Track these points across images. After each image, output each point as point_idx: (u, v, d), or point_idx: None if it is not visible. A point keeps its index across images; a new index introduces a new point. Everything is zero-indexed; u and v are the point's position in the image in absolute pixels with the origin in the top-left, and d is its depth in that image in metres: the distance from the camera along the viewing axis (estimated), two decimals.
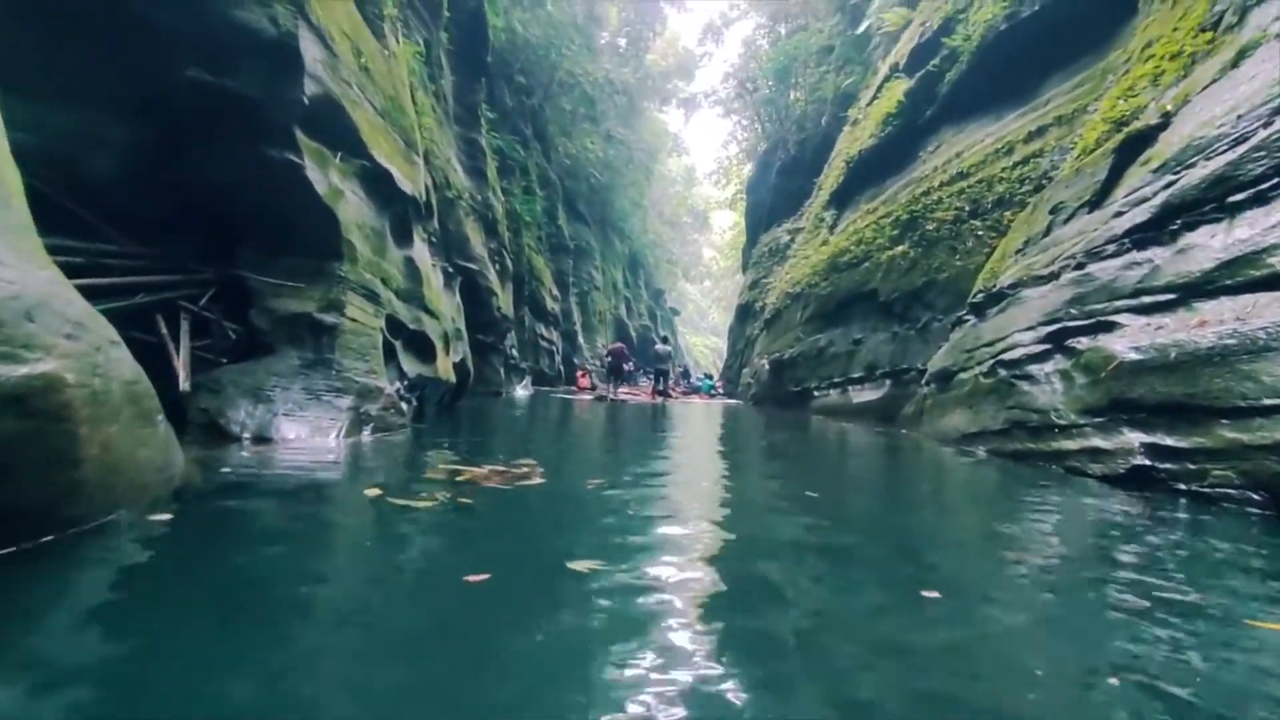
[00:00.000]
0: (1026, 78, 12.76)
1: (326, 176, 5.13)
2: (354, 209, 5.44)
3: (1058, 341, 6.56)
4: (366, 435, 4.76)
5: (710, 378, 32.08)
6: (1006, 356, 7.28)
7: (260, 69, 4.75)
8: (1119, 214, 6.58)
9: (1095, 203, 7.26)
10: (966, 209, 12.87)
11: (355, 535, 2.59)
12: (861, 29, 20.36)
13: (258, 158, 4.83)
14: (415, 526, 2.64)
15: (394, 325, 5.89)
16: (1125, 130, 7.22)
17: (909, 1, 18.52)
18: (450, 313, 8.27)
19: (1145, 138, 7.00)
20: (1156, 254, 5.78)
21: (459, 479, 3.47)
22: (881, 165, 17.10)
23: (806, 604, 2.20)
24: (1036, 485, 5.13)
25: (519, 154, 23.55)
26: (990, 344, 7.99)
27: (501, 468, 3.82)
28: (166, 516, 2.45)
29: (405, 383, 5.90)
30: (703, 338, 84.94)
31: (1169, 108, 7.00)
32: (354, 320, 5.02)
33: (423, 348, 6.56)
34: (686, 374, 35.02)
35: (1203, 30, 7.23)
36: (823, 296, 17.56)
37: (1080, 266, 6.71)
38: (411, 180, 6.74)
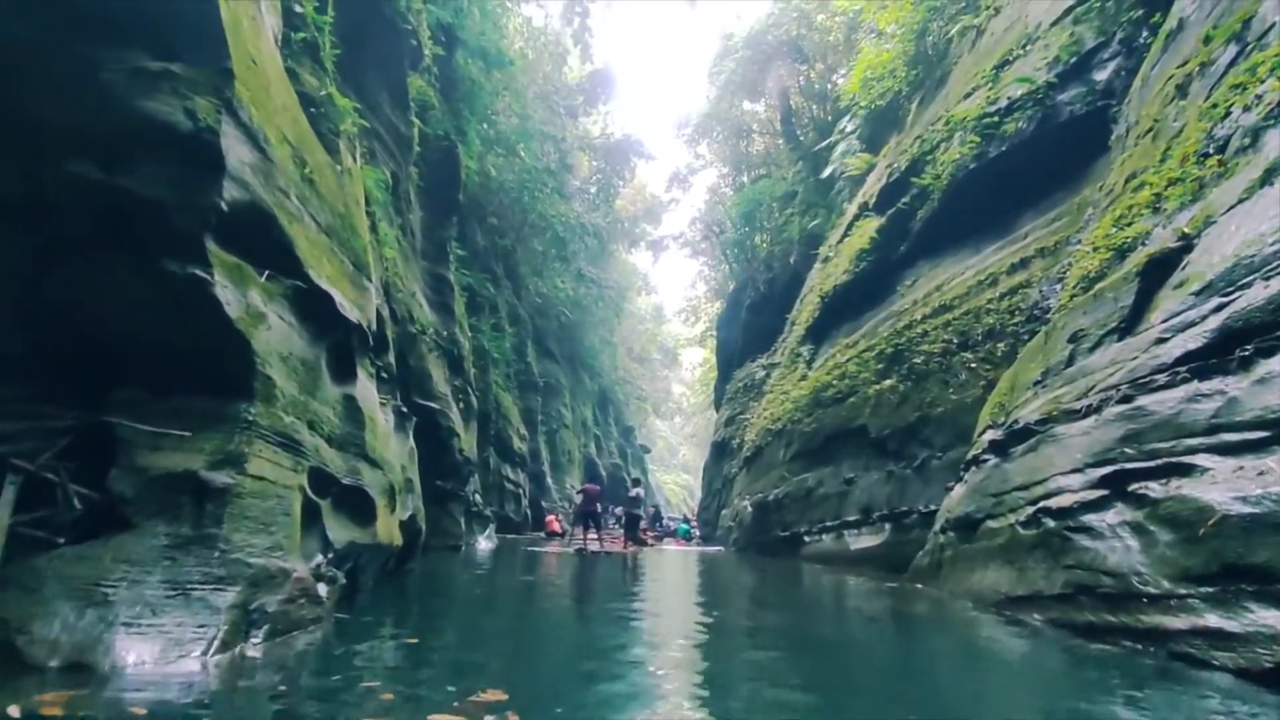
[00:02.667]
0: (1000, 212, 12.81)
1: (243, 296, 4.13)
2: (278, 337, 4.40)
3: (1117, 486, 5.59)
4: (256, 645, 3.39)
5: (687, 521, 30.36)
6: (1052, 504, 6.27)
7: (167, 167, 3.87)
8: (1162, 340, 5.87)
9: (1125, 329, 6.60)
10: (955, 341, 12.44)
11: None
12: (826, 174, 21.10)
13: (153, 272, 3.84)
14: None
15: (321, 480, 4.68)
16: (1147, 254, 6.72)
17: (871, 147, 19.30)
18: (400, 460, 7.05)
19: (1169, 261, 6.49)
20: (1228, 384, 4.97)
21: None
22: (858, 300, 16.96)
23: None
24: (1147, 683, 3.94)
25: (489, 291, 23.21)
26: (1024, 488, 7.01)
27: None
28: None
29: (331, 555, 4.59)
30: (673, 475, 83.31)
31: (1187, 230, 6.57)
32: (259, 478, 3.82)
33: (359, 507, 5.31)
34: (658, 516, 33.18)
35: (1205, 156, 6.99)
36: (807, 433, 16.74)
37: (1127, 399, 5.89)
38: (359, 306, 5.79)
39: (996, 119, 12.64)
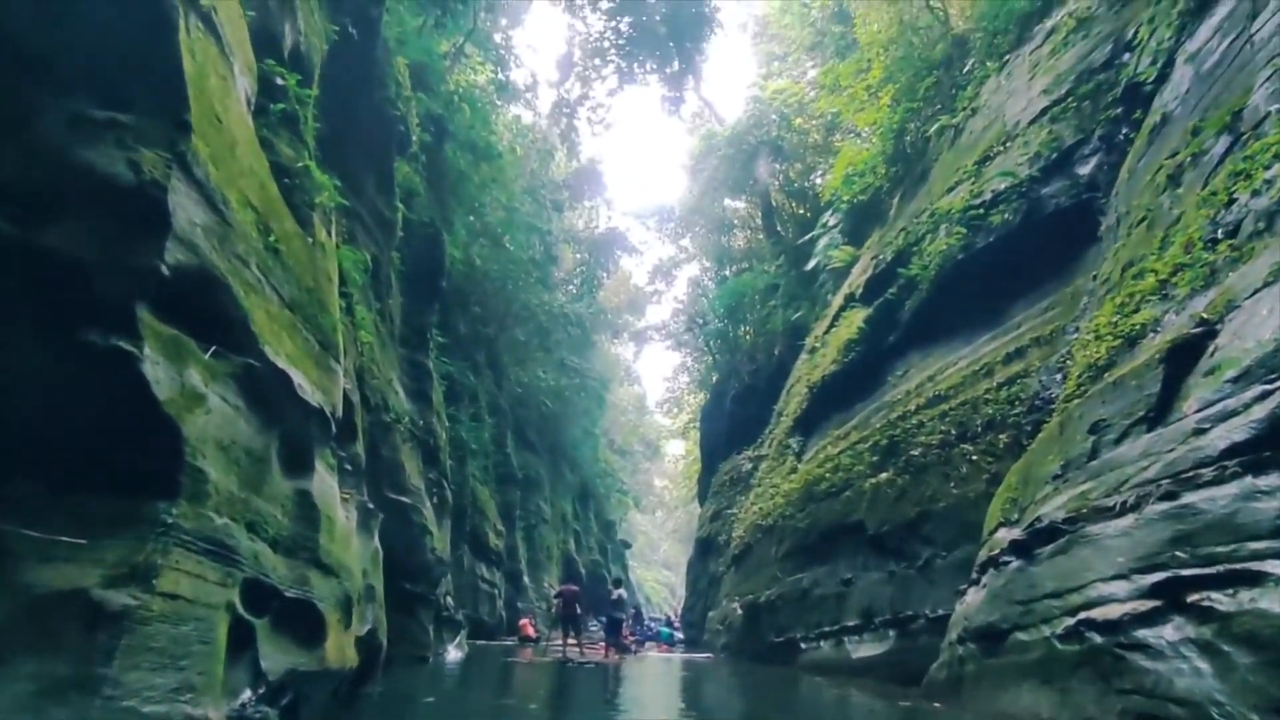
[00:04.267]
0: (991, 302, 12.70)
1: (178, 375, 3.53)
2: (218, 422, 3.77)
3: (1172, 597, 4.97)
4: None
5: (670, 624, 28.73)
6: (1095, 615, 5.61)
7: (100, 225, 3.38)
8: (1201, 431, 5.42)
9: (1155, 419, 6.16)
10: (953, 433, 12.02)
11: None
12: (810, 266, 21.28)
13: (68, 344, 3.26)
14: None
15: (259, 594, 3.92)
16: (1168, 339, 6.39)
17: (854, 241, 19.53)
18: (362, 564, 6.24)
19: (1192, 346, 6.15)
20: None
21: None
22: (847, 390, 16.65)
23: None
24: None
25: (469, 380, 22.63)
26: (1057, 595, 6.34)
27: None
28: None
29: (263, 690, 3.76)
30: (654, 572, 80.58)
31: (1206, 315, 6.28)
32: (172, 596, 3.10)
33: (306, 624, 4.50)
34: (639, 618, 31.38)
35: (1214, 242, 6.81)
36: (800, 529, 15.98)
37: (1171, 496, 5.36)
38: (322, 389, 5.19)
39: (982, 211, 12.74)
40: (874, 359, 15.86)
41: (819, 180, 26.39)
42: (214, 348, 3.93)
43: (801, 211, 28.52)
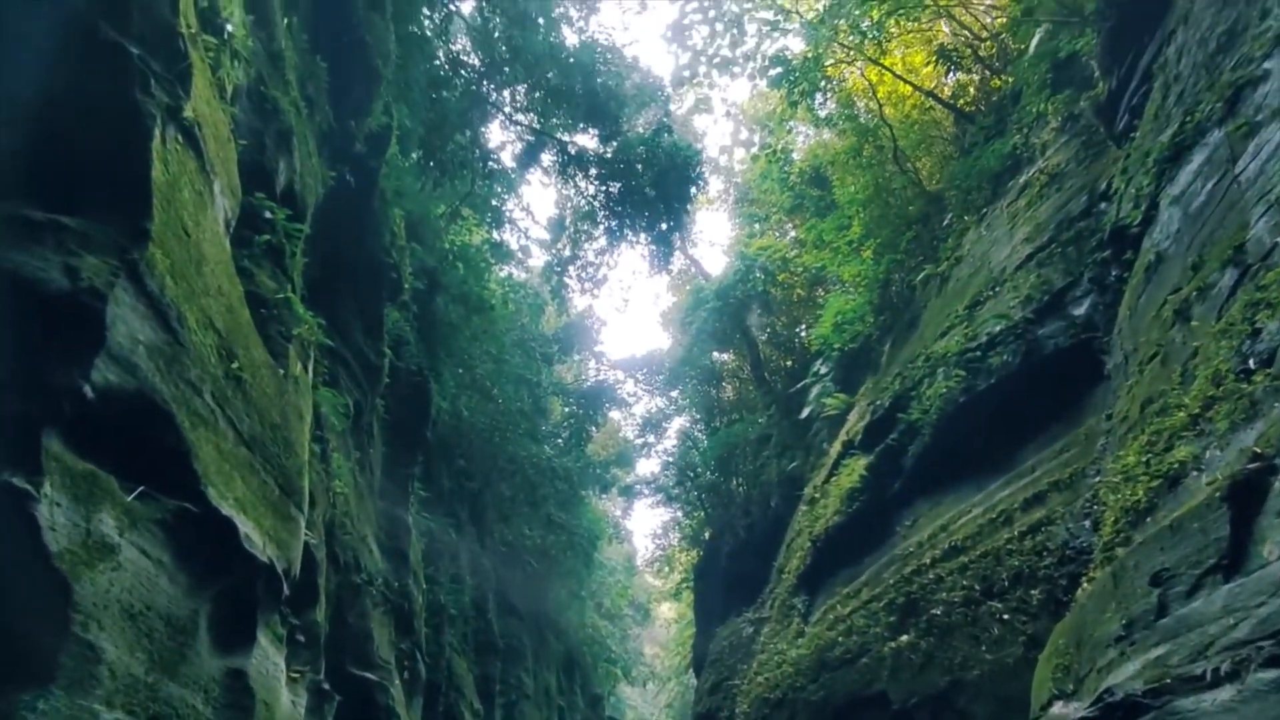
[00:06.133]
0: (997, 445, 12.23)
1: (84, 520, 2.85)
2: (129, 582, 3.02)
3: None
4: None
5: None
6: None
7: (17, 333, 2.85)
8: None
9: (1230, 567, 5.45)
10: (978, 588, 11.08)
11: None
12: (804, 414, 20.96)
13: None
14: None
15: None
16: (1226, 477, 5.83)
17: (846, 389, 19.37)
18: None
19: (1254, 484, 5.59)
20: None
21: None
22: (854, 543, 15.70)
23: None
24: None
25: (451, 537, 21.27)
26: None
27: None
28: None
29: None
30: None
31: (1260, 450, 5.78)
32: None
33: None
34: None
35: (1247, 373, 6.47)
36: (814, 703, 14.36)
37: (1277, 662, 4.54)
38: (277, 542, 4.42)
39: (980, 354, 12.62)
40: (879, 508, 15.08)
41: (804, 332, 26.85)
42: (141, 488, 3.25)
43: (789, 363, 28.75)
